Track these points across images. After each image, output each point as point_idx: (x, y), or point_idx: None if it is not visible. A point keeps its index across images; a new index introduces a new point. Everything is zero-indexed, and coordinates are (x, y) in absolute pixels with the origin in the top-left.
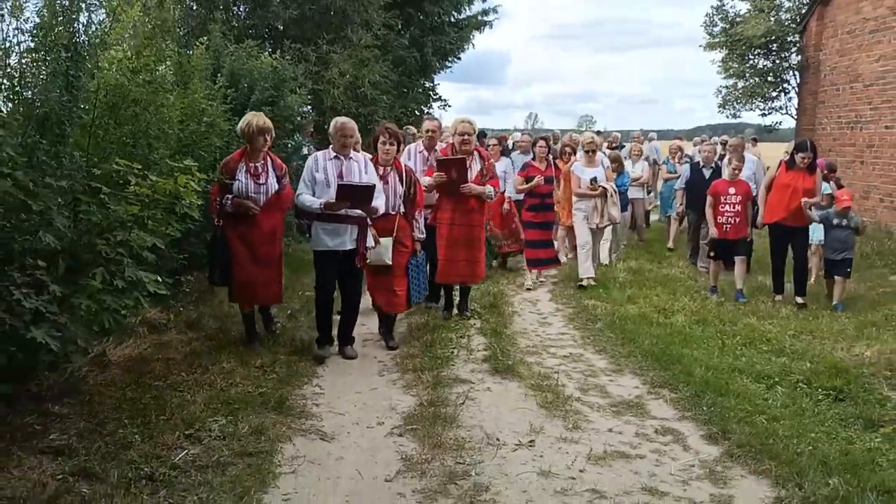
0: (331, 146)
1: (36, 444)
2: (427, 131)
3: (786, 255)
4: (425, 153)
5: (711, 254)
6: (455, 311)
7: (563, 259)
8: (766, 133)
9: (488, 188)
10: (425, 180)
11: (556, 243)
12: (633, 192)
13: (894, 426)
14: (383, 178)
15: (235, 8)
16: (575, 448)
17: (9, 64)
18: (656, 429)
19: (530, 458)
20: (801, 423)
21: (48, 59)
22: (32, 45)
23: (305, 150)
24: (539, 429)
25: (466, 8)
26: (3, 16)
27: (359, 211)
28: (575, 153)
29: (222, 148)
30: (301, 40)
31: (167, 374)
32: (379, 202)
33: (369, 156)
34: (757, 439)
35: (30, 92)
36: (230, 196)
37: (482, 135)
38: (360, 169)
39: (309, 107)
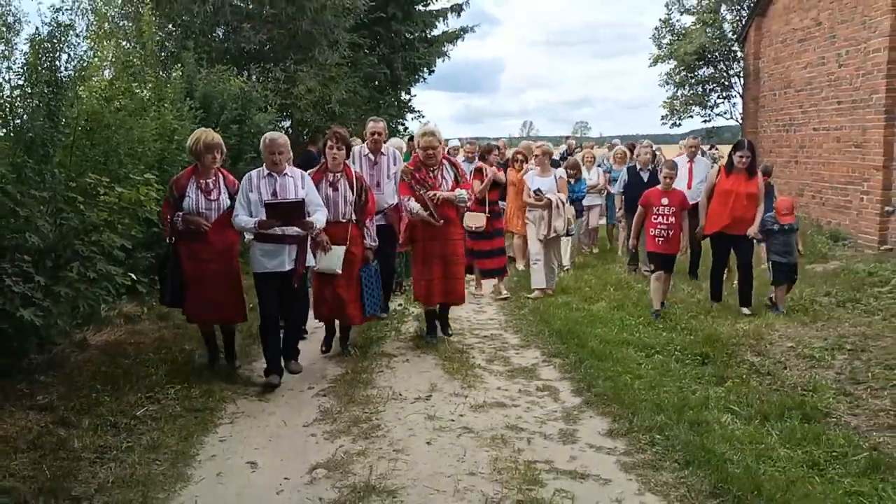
0: (264, 164)
1: (24, 402)
2: (372, 133)
3: (726, 264)
4: (371, 157)
5: (652, 267)
6: (439, 333)
7: (520, 268)
8: (709, 138)
9: (460, 191)
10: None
11: (511, 251)
12: (589, 199)
13: (737, 380)
14: (332, 185)
15: (211, 33)
16: (463, 400)
17: (1, 96)
18: (538, 387)
19: (423, 408)
20: (660, 380)
21: (34, 92)
22: (21, 81)
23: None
24: (438, 388)
25: (438, 26)
26: None
27: (295, 229)
28: (527, 161)
29: (191, 163)
30: (270, 61)
31: (137, 354)
32: (317, 216)
33: (302, 172)
34: (614, 391)
35: (19, 120)
36: (180, 213)
37: (487, 151)
38: (296, 185)
39: (285, 123)
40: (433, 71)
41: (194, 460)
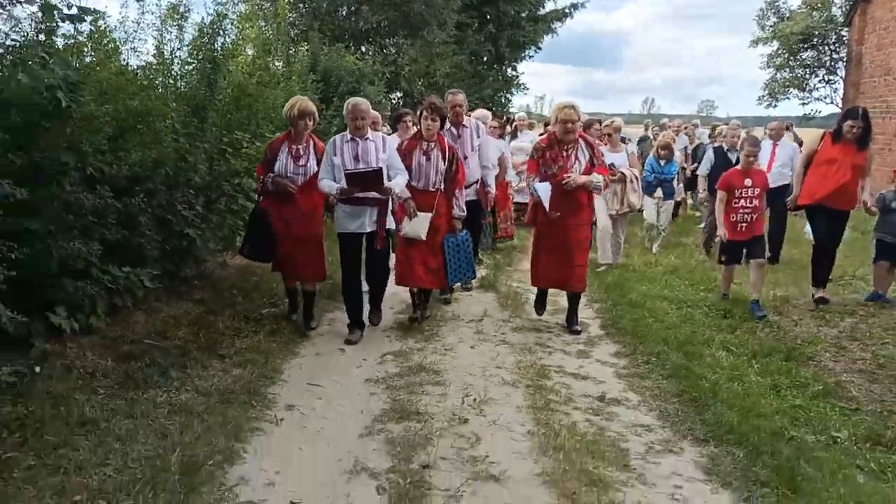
0: (348, 129)
1: (184, 297)
2: (453, 106)
3: (830, 242)
4: (453, 130)
5: (722, 258)
6: (543, 308)
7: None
8: (806, 121)
9: (596, 176)
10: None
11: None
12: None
13: (747, 331)
14: (426, 153)
15: (334, 13)
16: (507, 324)
17: (173, 70)
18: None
19: (474, 326)
20: (679, 325)
21: (197, 67)
22: (188, 58)
23: (386, 131)
24: (489, 314)
25: (546, 4)
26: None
27: (374, 193)
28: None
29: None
30: (383, 38)
31: (263, 273)
32: (397, 180)
33: (386, 134)
34: (633, 328)
35: (185, 89)
36: (272, 174)
37: (587, 126)
38: (378, 148)
39: (394, 94)
40: (540, 48)
41: (300, 344)
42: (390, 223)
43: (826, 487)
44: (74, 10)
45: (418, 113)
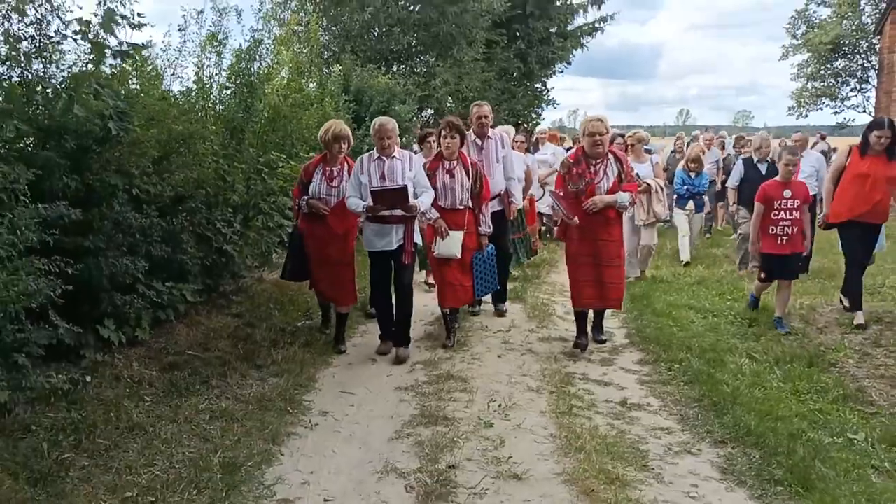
0: (375, 148)
1: (223, 311)
2: (478, 117)
3: (865, 260)
4: (478, 141)
5: (762, 275)
6: (586, 338)
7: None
8: (838, 130)
9: (621, 195)
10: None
11: None
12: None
13: (772, 339)
14: (449, 172)
15: (366, 36)
16: (533, 334)
17: (211, 95)
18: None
19: (502, 336)
20: (703, 333)
21: (235, 91)
22: (226, 82)
23: (415, 149)
24: (517, 325)
25: (575, 18)
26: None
27: (400, 211)
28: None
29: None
30: (414, 58)
31: (299, 288)
32: (423, 198)
33: (411, 154)
34: (657, 337)
35: (224, 112)
36: (306, 197)
37: (612, 139)
38: (404, 167)
39: (428, 111)
40: (570, 63)
41: (333, 355)
42: (417, 238)
43: (839, 485)
44: (124, 47)
45: (437, 132)
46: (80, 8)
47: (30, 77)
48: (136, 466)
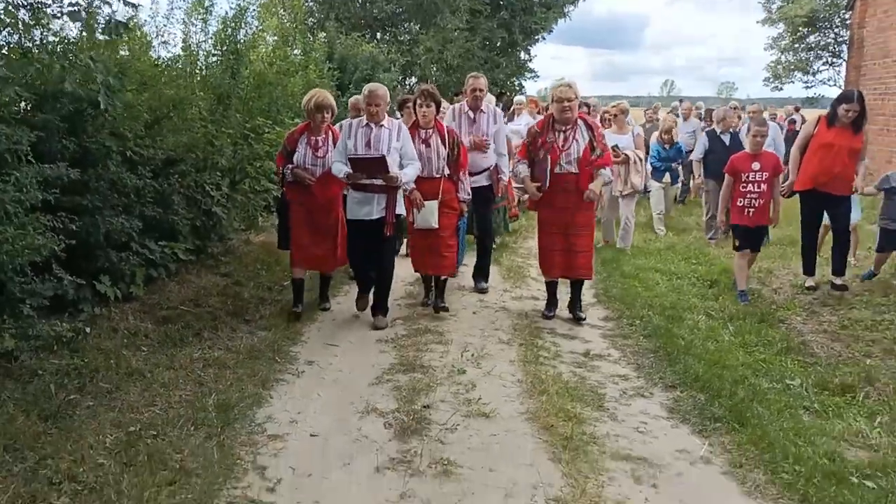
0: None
1: (212, 271)
2: (473, 90)
3: (818, 230)
4: (470, 114)
5: (736, 243)
6: (554, 310)
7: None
8: (810, 104)
9: (603, 172)
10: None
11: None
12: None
13: (729, 298)
14: (425, 141)
15: (351, 3)
16: (507, 294)
17: (199, 62)
18: (568, 291)
19: (477, 296)
20: (666, 293)
21: (222, 58)
22: (213, 49)
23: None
24: (493, 286)
25: None
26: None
27: (381, 180)
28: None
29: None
30: (397, 25)
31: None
32: (407, 169)
33: (401, 123)
34: (622, 296)
35: (210, 78)
36: (291, 165)
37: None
38: (392, 136)
39: (412, 79)
40: (551, 31)
41: (318, 312)
42: (400, 209)
43: (771, 422)
44: (112, 23)
45: (413, 101)
46: None
47: (28, 45)
48: (138, 406)
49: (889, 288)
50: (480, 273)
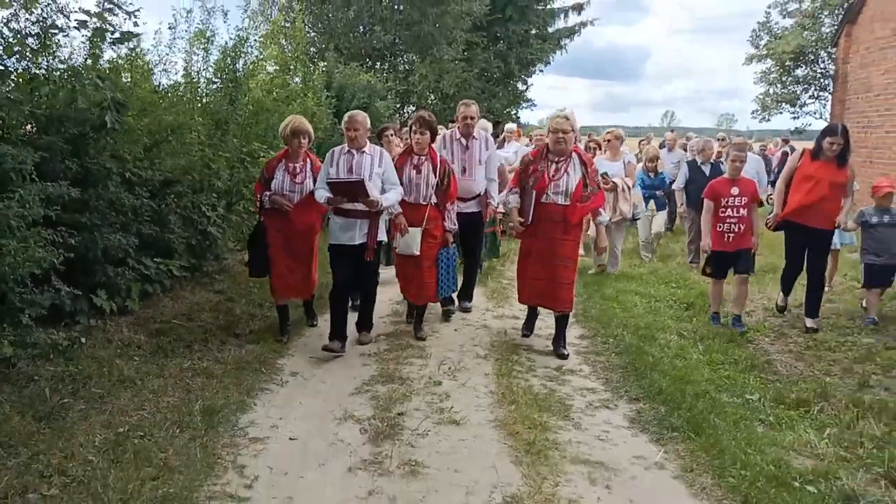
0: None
1: (206, 287)
2: (464, 117)
3: (803, 262)
4: (462, 141)
5: (708, 270)
6: (530, 332)
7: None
8: (797, 134)
9: (601, 217)
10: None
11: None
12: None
13: (702, 319)
14: (416, 167)
15: (350, 34)
16: (489, 313)
17: (199, 89)
18: (549, 313)
19: (460, 315)
20: (643, 315)
21: (221, 85)
22: (213, 77)
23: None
24: (476, 306)
25: (556, 23)
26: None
27: (361, 205)
28: (599, 148)
29: (324, 139)
30: (395, 56)
31: None
32: (388, 194)
33: (382, 150)
34: (600, 316)
35: (210, 105)
36: (269, 192)
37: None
38: (374, 161)
39: (410, 108)
40: (549, 63)
41: (306, 327)
42: (382, 235)
43: (726, 432)
44: (117, 35)
45: (408, 127)
46: (81, 10)
47: (35, 71)
48: (128, 410)
49: (854, 312)
50: (465, 294)
